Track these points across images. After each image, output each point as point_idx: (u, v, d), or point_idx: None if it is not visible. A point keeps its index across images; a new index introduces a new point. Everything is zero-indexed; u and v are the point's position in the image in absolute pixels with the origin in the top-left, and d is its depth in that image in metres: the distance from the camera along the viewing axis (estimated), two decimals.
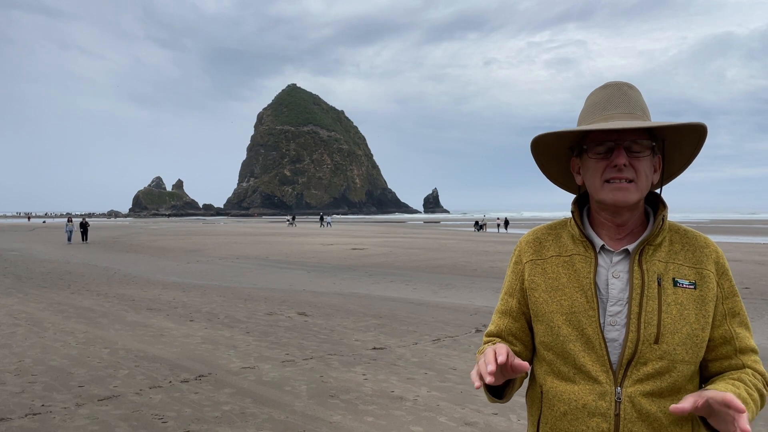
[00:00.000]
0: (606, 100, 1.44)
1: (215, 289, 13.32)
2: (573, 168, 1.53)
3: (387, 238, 37.39)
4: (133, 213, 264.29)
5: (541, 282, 1.47)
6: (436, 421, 4.76)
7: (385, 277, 16.28)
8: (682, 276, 1.39)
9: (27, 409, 5.01)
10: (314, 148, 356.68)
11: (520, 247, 1.58)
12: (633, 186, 1.37)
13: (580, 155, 1.48)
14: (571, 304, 1.40)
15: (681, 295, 1.37)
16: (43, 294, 12.32)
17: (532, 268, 1.50)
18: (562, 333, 1.40)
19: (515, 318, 1.53)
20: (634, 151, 1.38)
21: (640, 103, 1.44)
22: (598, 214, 1.47)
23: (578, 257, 1.45)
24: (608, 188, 1.39)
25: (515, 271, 1.56)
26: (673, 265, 1.40)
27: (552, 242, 1.52)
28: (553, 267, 1.47)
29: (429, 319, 9.50)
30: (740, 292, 9.54)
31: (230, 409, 5.02)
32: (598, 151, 1.40)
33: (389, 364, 6.61)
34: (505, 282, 1.59)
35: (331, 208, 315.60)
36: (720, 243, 32.47)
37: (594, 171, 1.41)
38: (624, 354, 1.35)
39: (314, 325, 8.95)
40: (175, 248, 28.57)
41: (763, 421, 4.76)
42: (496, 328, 1.56)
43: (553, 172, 1.60)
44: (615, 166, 1.37)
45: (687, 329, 1.35)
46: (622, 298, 1.38)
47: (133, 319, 9.30)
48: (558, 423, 1.41)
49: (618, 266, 1.41)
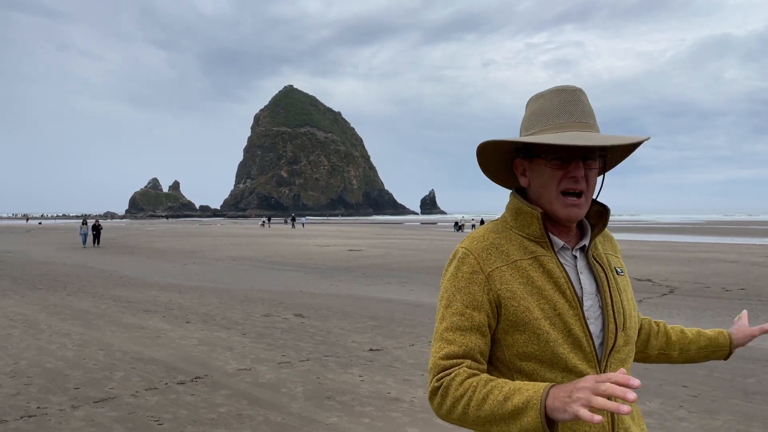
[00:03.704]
0: (560, 107, 1.42)
1: (212, 291, 13.30)
2: (517, 169, 1.50)
3: (383, 240, 37.40)
4: (129, 214, 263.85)
5: (516, 289, 1.38)
6: (433, 422, 4.76)
7: (381, 278, 16.28)
8: (617, 264, 1.55)
9: (22, 411, 4.99)
10: (311, 150, 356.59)
11: (474, 255, 1.42)
12: (583, 200, 1.40)
13: (529, 158, 1.45)
14: (552, 306, 1.37)
15: (621, 282, 1.50)
16: (39, 296, 12.29)
17: (502, 275, 1.39)
18: (551, 338, 1.35)
19: (483, 334, 1.39)
20: (588, 162, 1.39)
21: (592, 111, 1.45)
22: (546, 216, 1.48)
23: (544, 258, 1.42)
24: (562, 202, 1.39)
25: (476, 282, 1.39)
26: (611, 257, 1.55)
27: (508, 245, 1.43)
28: (522, 271, 1.40)
29: (425, 320, 9.50)
30: (737, 293, 9.52)
31: (226, 411, 5.01)
32: (556, 160, 1.39)
33: (386, 365, 6.61)
34: (458, 294, 1.40)
35: (328, 210, 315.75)
36: (716, 244, 32.58)
37: (549, 179, 1.40)
38: (607, 345, 1.40)
39: (311, 326, 8.94)
40: (172, 250, 28.52)
41: (760, 422, 4.77)
42: (462, 349, 1.36)
43: (490, 167, 1.58)
44: (572, 178, 1.38)
45: (633, 311, 1.50)
46: (591, 291, 1.43)
47: (129, 321, 9.28)
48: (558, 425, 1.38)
49: (580, 262, 1.46)
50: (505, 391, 1.24)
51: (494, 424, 1.26)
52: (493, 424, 1.26)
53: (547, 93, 1.45)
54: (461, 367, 1.34)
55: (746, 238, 42.57)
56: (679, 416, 4.89)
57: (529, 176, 1.46)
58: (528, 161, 1.46)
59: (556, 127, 1.40)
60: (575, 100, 1.42)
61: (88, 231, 32.42)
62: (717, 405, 5.22)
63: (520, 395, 1.21)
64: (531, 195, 1.47)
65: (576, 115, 1.41)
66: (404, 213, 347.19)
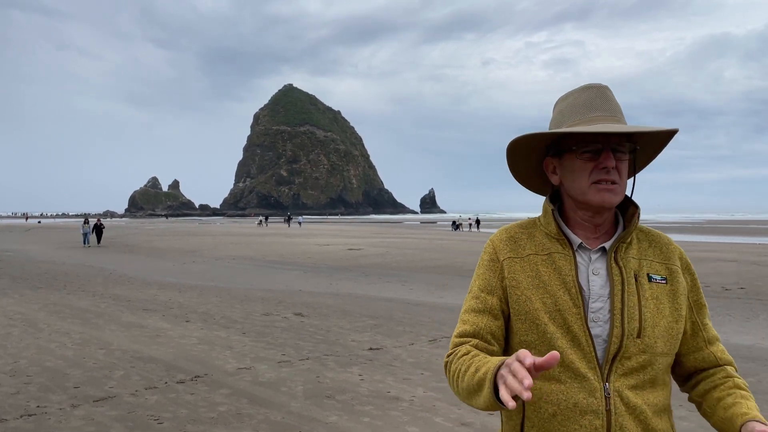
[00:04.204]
0: (589, 102, 1.44)
1: (211, 290, 13.30)
2: (547, 168, 1.53)
3: (383, 239, 37.39)
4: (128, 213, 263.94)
5: (522, 279, 1.44)
6: (432, 421, 4.76)
7: (381, 277, 16.28)
8: (655, 271, 1.45)
9: (22, 410, 4.99)
10: (311, 149, 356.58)
11: (493, 245, 1.53)
12: (617, 188, 1.41)
13: (559, 155, 1.48)
14: (554, 301, 1.39)
15: (656, 290, 1.42)
16: (38, 295, 12.28)
17: (511, 265, 1.47)
18: (549, 331, 1.38)
19: (495, 316, 1.46)
20: (618, 153, 1.41)
21: (619, 106, 1.47)
22: (575, 213, 1.48)
23: (557, 255, 1.45)
24: (596, 189, 1.40)
25: (492, 269, 1.50)
26: (646, 262, 1.46)
27: (527, 240, 1.49)
28: (532, 265, 1.45)
29: (425, 319, 9.50)
30: (736, 293, 9.53)
31: (226, 410, 5.01)
32: (586, 153, 1.41)
33: (385, 364, 6.61)
34: (477, 280, 1.52)
35: (328, 209, 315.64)
36: (716, 243, 32.58)
37: (581, 172, 1.42)
38: (610, 349, 1.37)
39: (310, 325, 8.94)
40: (171, 249, 28.51)
41: None
42: (473, 328, 1.45)
43: (521, 170, 1.60)
44: (603, 168, 1.39)
45: (664, 322, 1.40)
46: (603, 294, 1.41)
47: (128, 320, 9.28)
48: (547, 425, 1.38)
49: (596, 263, 1.44)
50: (477, 364, 1.28)
51: (470, 398, 1.30)
52: (469, 397, 1.30)
53: (575, 91, 1.48)
54: (465, 345, 1.42)
55: (746, 237, 42.59)
56: (679, 415, 4.89)
57: (560, 173, 1.48)
58: (558, 159, 1.48)
59: (585, 121, 1.42)
60: (602, 96, 1.45)
61: (89, 230, 32.34)
62: None
63: (485, 368, 1.24)
64: (564, 191, 1.50)
65: (604, 109, 1.43)
66: (404, 212, 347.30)
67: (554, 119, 1.51)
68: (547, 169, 1.53)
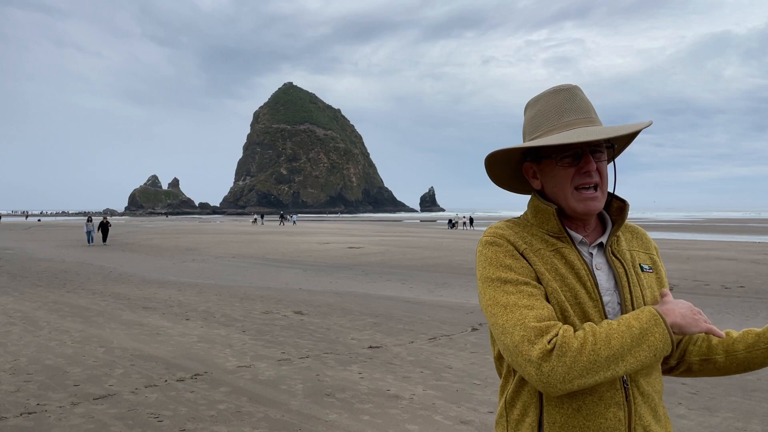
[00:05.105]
0: (561, 106, 1.44)
1: (211, 288, 13.31)
2: (527, 173, 1.52)
3: (383, 237, 37.40)
4: (128, 211, 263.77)
5: (544, 272, 1.40)
6: (432, 419, 4.77)
7: (381, 275, 16.29)
8: (643, 261, 1.52)
9: (22, 408, 4.99)
10: (311, 147, 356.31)
11: (506, 238, 1.44)
12: (599, 193, 1.43)
13: (538, 161, 1.48)
14: (574, 295, 1.39)
15: (647, 279, 1.49)
16: (38, 293, 12.29)
17: (531, 257, 1.41)
18: (575, 324, 1.36)
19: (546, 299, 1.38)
20: (597, 154, 1.42)
21: (591, 105, 1.48)
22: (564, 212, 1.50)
23: (565, 249, 1.44)
24: (578, 197, 1.42)
25: (518, 258, 1.40)
26: (636, 253, 1.53)
27: (531, 237, 1.46)
28: (547, 258, 1.42)
29: (425, 317, 9.51)
30: (736, 291, 9.56)
31: (226, 408, 5.02)
32: (566, 158, 1.42)
33: (385, 362, 6.62)
34: (507, 275, 1.38)
35: (328, 207, 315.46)
36: (715, 242, 32.59)
37: (562, 178, 1.43)
38: None
39: (310, 323, 8.94)
40: (171, 247, 28.52)
41: (759, 419, 4.78)
42: (548, 312, 1.33)
43: (500, 177, 1.60)
44: (585, 172, 1.41)
45: None
46: (609, 287, 1.43)
47: (128, 318, 9.28)
48: (571, 420, 1.36)
49: (597, 258, 1.46)
50: (623, 324, 1.30)
51: (625, 355, 1.26)
52: (624, 355, 1.26)
53: (545, 95, 1.48)
54: (559, 326, 1.31)
55: (745, 235, 42.60)
56: (679, 413, 4.90)
57: (541, 178, 1.49)
58: (536, 164, 1.49)
59: (560, 126, 1.42)
60: (573, 98, 1.45)
61: (93, 229, 32.20)
62: (716, 402, 5.23)
63: (637, 321, 1.30)
64: (547, 195, 1.50)
65: (577, 111, 1.43)
66: (404, 210, 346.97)
67: (527, 124, 1.51)
68: (527, 173, 1.53)
